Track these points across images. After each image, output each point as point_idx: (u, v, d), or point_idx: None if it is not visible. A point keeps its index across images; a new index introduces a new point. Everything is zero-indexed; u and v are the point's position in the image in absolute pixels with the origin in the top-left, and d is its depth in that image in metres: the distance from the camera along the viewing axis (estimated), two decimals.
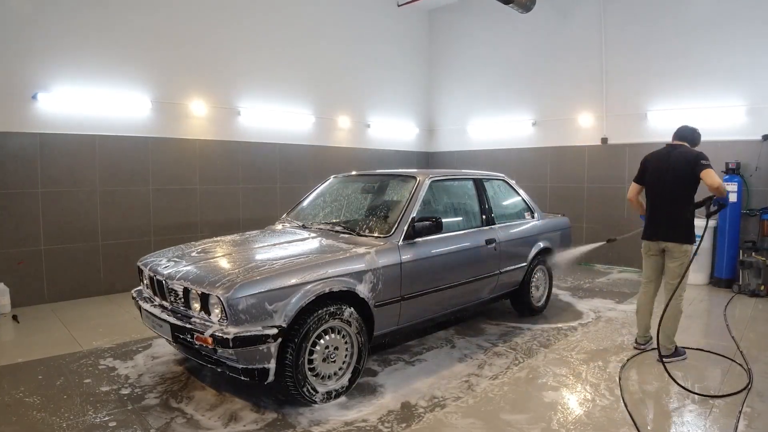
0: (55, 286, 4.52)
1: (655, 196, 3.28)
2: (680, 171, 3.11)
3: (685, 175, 3.10)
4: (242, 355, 2.36)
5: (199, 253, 3.00)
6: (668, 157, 3.21)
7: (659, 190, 3.24)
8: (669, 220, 3.18)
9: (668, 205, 3.18)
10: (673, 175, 3.15)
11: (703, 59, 5.42)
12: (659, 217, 3.24)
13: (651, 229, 3.30)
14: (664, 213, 3.21)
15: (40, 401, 2.63)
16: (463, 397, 2.70)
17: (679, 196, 3.14)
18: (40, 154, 4.37)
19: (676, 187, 3.14)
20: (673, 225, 3.16)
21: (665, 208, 3.20)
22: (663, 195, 3.21)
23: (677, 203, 3.15)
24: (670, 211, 3.18)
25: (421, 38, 7.97)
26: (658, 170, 3.25)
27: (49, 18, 4.33)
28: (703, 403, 2.61)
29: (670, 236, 3.17)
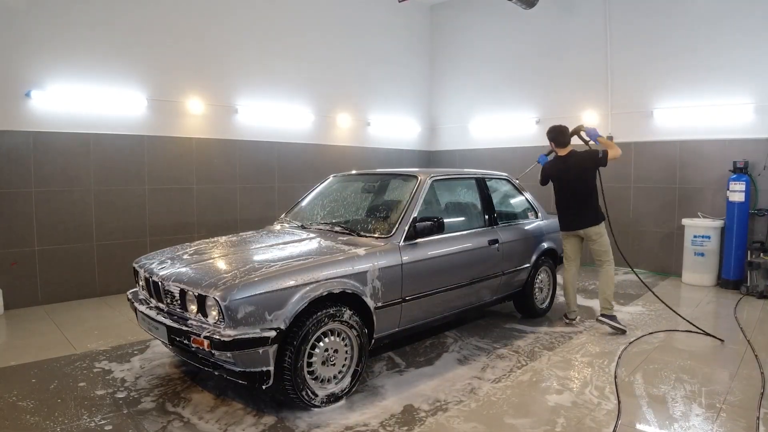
0: (49, 287, 4.47)
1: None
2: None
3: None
4: (240, 358, 2.33)
5: (195, 254, 2.95)
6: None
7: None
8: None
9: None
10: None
11: (710, 56, 5.37)
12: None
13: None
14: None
15: (34, 405, 2.59)
16: (465, 401, 2.67)
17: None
18: (33, 152, 4.31)
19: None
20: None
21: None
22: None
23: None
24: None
25: (422, 34, 7.91)
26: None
27: (43, 14, 4.27)
28: (709, 407, 2.56)
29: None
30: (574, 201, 3.86)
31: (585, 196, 3.83)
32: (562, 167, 3.89)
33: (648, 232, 5.96)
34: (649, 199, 5.96)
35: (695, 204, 5.55)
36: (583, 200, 3.84)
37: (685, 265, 5.44)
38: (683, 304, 4.67)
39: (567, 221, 3.94)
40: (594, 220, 3.83)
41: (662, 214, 5.83)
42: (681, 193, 5.69)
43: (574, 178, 3.83)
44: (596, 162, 3.81)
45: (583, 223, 3.85)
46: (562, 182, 3.91)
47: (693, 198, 5.59)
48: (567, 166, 3.86)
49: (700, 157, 5.50)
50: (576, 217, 3.87)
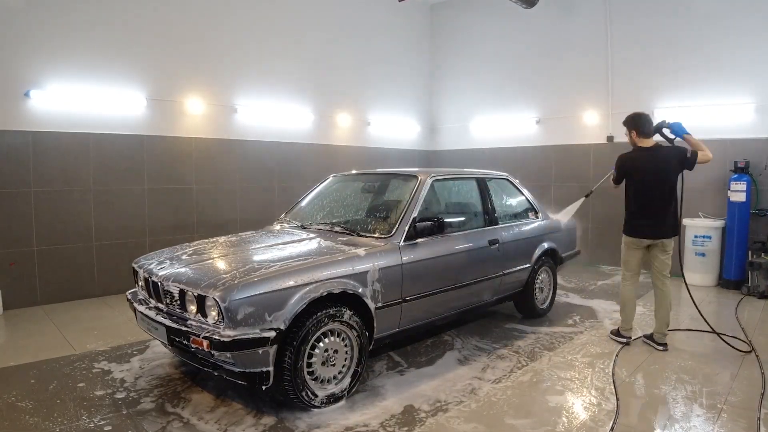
0: (48, 287, 4.46)
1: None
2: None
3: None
4: (239, 359, 2.32)
5: (195, 255, 2.94)
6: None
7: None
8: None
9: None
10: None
11: (711, 55, 5.35)
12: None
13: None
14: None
15: (33, 406, 2.58)
16: (465, 401, 2.66)
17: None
18: (32, 152, 4.30)
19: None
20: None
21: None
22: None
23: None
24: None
25: (422, 34, 7.90)
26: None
27: (42, 13, 4.26)
28: (710, 408, 2.55)
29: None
30: (655, 204, 3.32)
31: (668, 199, 3.30)
32: (647, 161, 3.32)
33: None
34: None
35: (696, 204, 5.53)
36: (665, 204, 3.31)
37: (686, 265, 5.40)
38: (684, 305, 4.66)
39: (640, 227, 3.40)
40: (674, 229, 3.38)
41: None
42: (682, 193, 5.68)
43: (660, 176, 3.28)
44: (683, 161, 3.29)
45: (661, 232, 3.35)
46: (645, 179, 3.33)
47: (694, 198, 5.56)
48: (653, 161, 3.30)
49: None
50: (654, 224, 3.35)
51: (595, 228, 6.34)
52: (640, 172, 3.36)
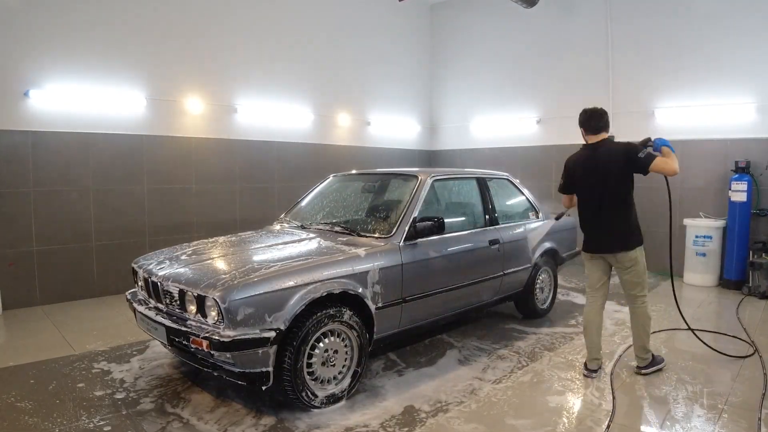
0: (47, 287, 4.45)
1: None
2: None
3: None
4: (239, 359, 2.31)
5: (195, 255, 2.94)
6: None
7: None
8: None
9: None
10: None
11: (712, 55, 5.35)
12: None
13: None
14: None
15: (32, 406, 2.58)
16: (466, 402, 2.66)
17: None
18: (32, 152, 4.29)
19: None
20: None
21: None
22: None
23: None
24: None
25: (422, 34, 7.89)
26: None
27: (41, 13, 4.25)
28: (711, 408, 2.55)
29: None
30: (600, 211, 2.86)
31: (617, 203, 2.83)
32: (587, 160, 2.90)
33: (649, 232, 5.86)
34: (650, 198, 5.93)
35: (697, 204, 5.53)
36: (612, 211, 2.84)
37: (687, 265, 5.42)
38: (685, 305, 4.64)
39: (590, 239, 2.97)
40: (626, 242, 2.84)
41: (663, 213, 5.79)
42: (682, 193, 5.67)
43: (601, 177, 2.82)
44: (633, 161, 2.74)
45: (609, 245, 2.87)
46: (586, 182, 2.91)
47: (694, 198, 5.57)
48: (593, 159, 2.86)
49: (701, 157, 5.48)
50: (601, 235, 2.90)
51: None
52: (581, 174, 2.93)
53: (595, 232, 2.94)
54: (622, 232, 2.86)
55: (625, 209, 2.86)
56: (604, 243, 2.90)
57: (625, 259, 2.86)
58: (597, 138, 2.91)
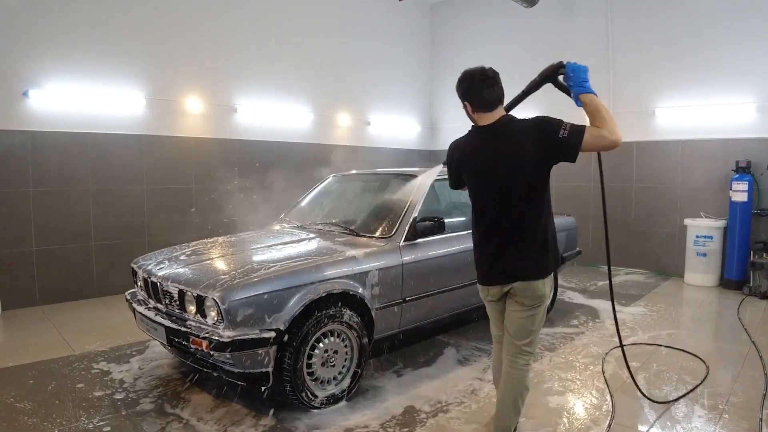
0: (47, 288, 4.44)
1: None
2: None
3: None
4: (239, 359, 2.31)
5: (194, 255, 2.93)
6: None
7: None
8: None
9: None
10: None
11: (712, 55, 5.33)
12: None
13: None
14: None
15: (32, 406, 2.57)
16: (466, 402, 2.66)
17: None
18: (31, 152, 4.28)
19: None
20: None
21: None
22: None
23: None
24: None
25: (422, 33, 7.88)
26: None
27: (41, 13, 4.24)
28: (712, 409, 2.54)
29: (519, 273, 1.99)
30: (503, 221, 1.97)
31: (526, 210, 1.94)
32: (483, 149, 2.00)
33: (650, 233, 5.93)
34: (651, 199, 5.94)
35: (698, 204, 5.52)
36: (522, 220, 1.94)
37: (688, 265, 5.41)
38: (686, 305, 4.65)
39: (485, 263, 2.07)
40: (539, 264, 1.98)
41: (664, 214, 5.80)
42: (683, 193, 5.67)
43: (503, 173, 1.93)
44: (553, 143, 1.85)
45: (513, 271, 1.98)
46: (480, 180, 2.03)
47: (695, 198, 5.56)
48: (491, 147, 1.97)
49: (702, 157, 5.47)
50: (499, 257, 2.00)
51: (596, 228, 6.32)
52: (473, 169, 2.03)
53: (493, 252, 2.00)
54: (533, 252, 1.95)
55: (536, 217, 1.93)
56: (506, 268, 1.98)
57: (528, 294, 1.97)
58: (492, 117, 1.96)
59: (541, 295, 1.99)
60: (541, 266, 1.99)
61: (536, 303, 2.00)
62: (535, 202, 1.94)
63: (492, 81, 1.97)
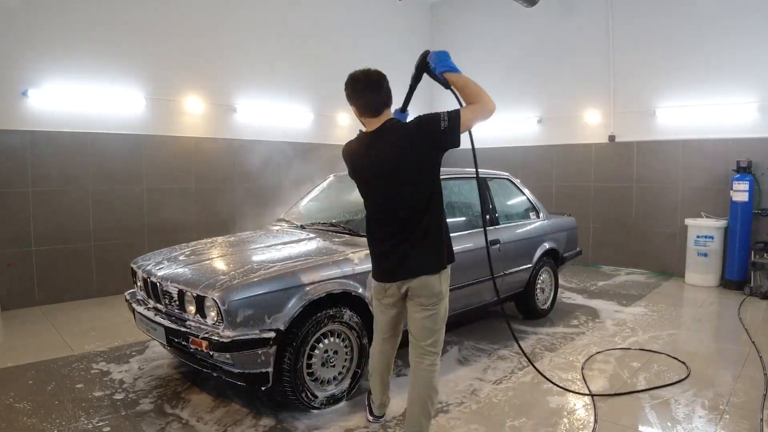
0: (46, 288, 4.44)
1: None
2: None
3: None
4: (239, 360, 2.30)
5: (194, 255, 2.93)
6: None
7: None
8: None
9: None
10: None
11: (713, 54, 5.33)
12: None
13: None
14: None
15: (31, 407, 2.57)
16: (466, 402, 2.65)
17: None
18: (30, 152, 4.28)
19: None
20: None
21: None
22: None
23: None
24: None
25: (422, 33, 7.87)
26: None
27: (40, 12, 4.24)
28: (712, 409, 2.53)
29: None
30: (396, 223, 2.00)
31: (419, 209, 1.96)
32: (366, 154, 2.03)
33: (650, 232, 5.93)
34: (651, 198, 5.93)
35: (698, 204, 5.52)
36: (415, 220, 1.97)
37: (688, 265, 5.40)
38: (686, 305, 4.65)
39: (377, 262, 2.12)
40: (427, 263, 1.99)
41: (665, 214, 5.80)
42: (684, 193, 5.66)
43: (385, 177, 1.97)
44: (436, 137, 1.90)
45: (403, 269, 2.00)
46: (368, 184, 2.08)
47: (696, 198, 5.56)
48: (373, 152, 1.99)
49: (703, 157, 5.47)
50: (390, 255, 2.03)
51: (596, 228, 6.32)
52: (360, 174, 2.08)
53: (386, 252, 2.04)
54: (424, 249, 1.98)
55: (427, 215, 1.96)
56: (400, 266, 1.99)
57: (425, 292, 1.98)
58: (378, 121, 1.99)
59: (438, 292, 2.03)
60: (433, 262, 2.01)
61: (433, 301, 2.03)
62: (424, 200, 1.98)
63: (376, 86, 2.01)
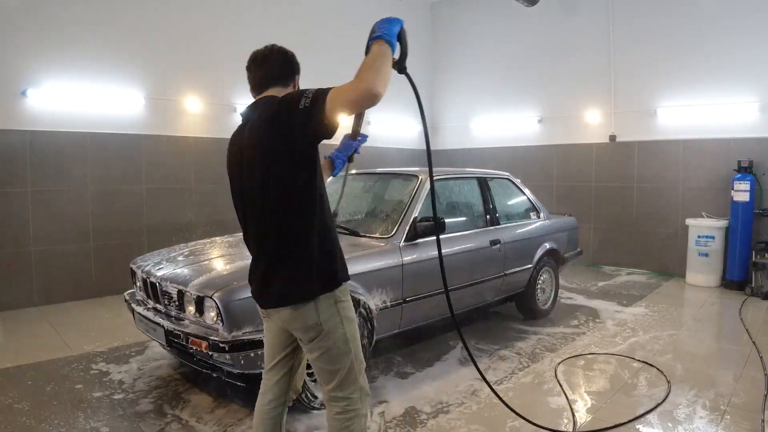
0: (45, 288, 4.42)
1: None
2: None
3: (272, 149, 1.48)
4: (238, 360, 2.29)
5: (194, 255, 2.92)
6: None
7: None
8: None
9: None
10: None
11: (714, 54, 5.32)
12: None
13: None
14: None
15: (30, 407, 2.56)
16: (467, 403, 2.64)
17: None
18: (29, 152, 4.27)
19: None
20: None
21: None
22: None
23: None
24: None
25: (423, 33, 7.86)
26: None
27: (39, 12, 4.23)
28: (713, 410, 2.53)
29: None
30: (251, 229, 1.62)
31: (271, 216, 1.51)
32: (234, 141, 1.73)
33: (651, 233, 5.92)
34: (652, 198, 5.92)
35: (699, 204, 5.51)
36: (266, 228, 1.54)
37: (689, 265, 5.39)
38: (687, 306, 4.64)
39: (251, 281, 1.67)
40: (292, 286, 1.51)
41: (666, 214, 5.79)
42: (685, 193, 5.65)
43: (247, 166, 1.57)
44: (292, 119, 1.42)
45: (267, 294, 1.57)
46: (233, 177, 1.69)
47: (697, 198, 5.55)
48: (239, 139, 1.67)
49: (704, 157, 5.46)
50: (254, 275, 1.64)
51: (597, 228, 6.31)
52: (228, 166, 1.71)
53: (253, 269, 1.64)
54: (289, 270, 1.50)
55: (293, 226, 1.50)
56: (265, 290, 1.58)
57: (297, 325, 1.52)
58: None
59: (313, 324, 1.48)
60: (299, 287, 1.48)
61: (312, 336, 1.50)
62: (284, 203, 1.48)
63: (261, 60, 1.69)
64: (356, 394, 1.55)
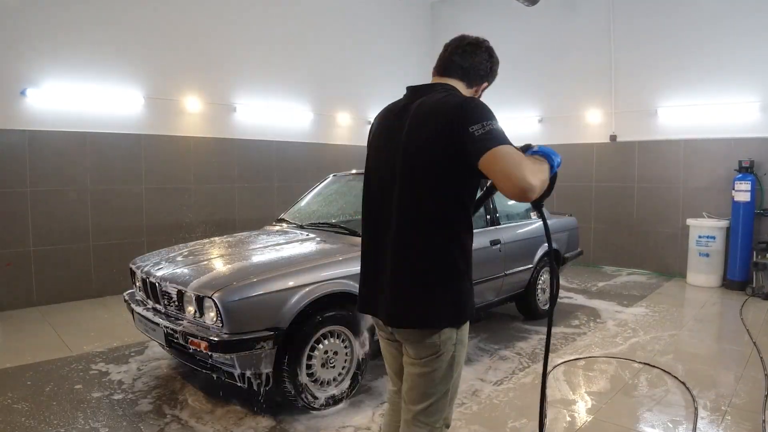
0: (45, 288, 4.42)
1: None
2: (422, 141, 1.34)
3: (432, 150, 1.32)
4: (238, 360, 2.30)
5: (193, 255, 2.92)
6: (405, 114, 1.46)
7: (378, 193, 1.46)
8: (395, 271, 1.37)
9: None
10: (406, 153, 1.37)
11: (715, 54, 5.31)
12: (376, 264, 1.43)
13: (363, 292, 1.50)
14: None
15: (29, 408, 2.56)
16: (467, 403, 2.64)
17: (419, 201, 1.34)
18: (28, 151, 4.26)
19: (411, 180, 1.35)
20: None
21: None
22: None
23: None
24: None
25: (423, 32, 7.85)
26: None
27: (38, 11, 4.22)
28: (714, 410, 2.52)
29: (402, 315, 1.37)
30: (386, 228, 1.38)
31: (418, 218, 1.33)
32: (391, 119, 1.56)
33: (652, 233, 5.91)
34: (653, 198, 5.92)
35: (700, 204, 5.50)
36: (410, 233, 1.34)
37: (690, 265, 5.38)
38: (688, 306, 4.63)
39: (364, 288, 1.49)
40: (424, 306, 1.33)
41: (666, 214, 5.78)
42: (685, 193, 5.64)
43: (403, 158, 1.38)
44: (457, 131, 1.27)
45: (390, 309, 1.37)
46: (376, 163, 1.55)
47: (698, 198, 5.54)
48: (401, 118, 1.49)
49: (704, 157, 5.45)
50: (375, 285, 1.42)
51: (597, 228, 6.30)
52: (371, 144, 1.60)
53: (368, 275, 1.47)
54: (417, 287, 1.33)
55: (431, 234, 1.32)
56: (380, 301, 1.40)
57: (413, 335, 1.36)
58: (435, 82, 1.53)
59: (431, 344, 1.34)
60: (422, 310, 1.32)
61: (423, 354, 1.35)
62: (432, 208, 1.30)
63: (466, 45, 1.60)
64: (439, 424, 1.41)
